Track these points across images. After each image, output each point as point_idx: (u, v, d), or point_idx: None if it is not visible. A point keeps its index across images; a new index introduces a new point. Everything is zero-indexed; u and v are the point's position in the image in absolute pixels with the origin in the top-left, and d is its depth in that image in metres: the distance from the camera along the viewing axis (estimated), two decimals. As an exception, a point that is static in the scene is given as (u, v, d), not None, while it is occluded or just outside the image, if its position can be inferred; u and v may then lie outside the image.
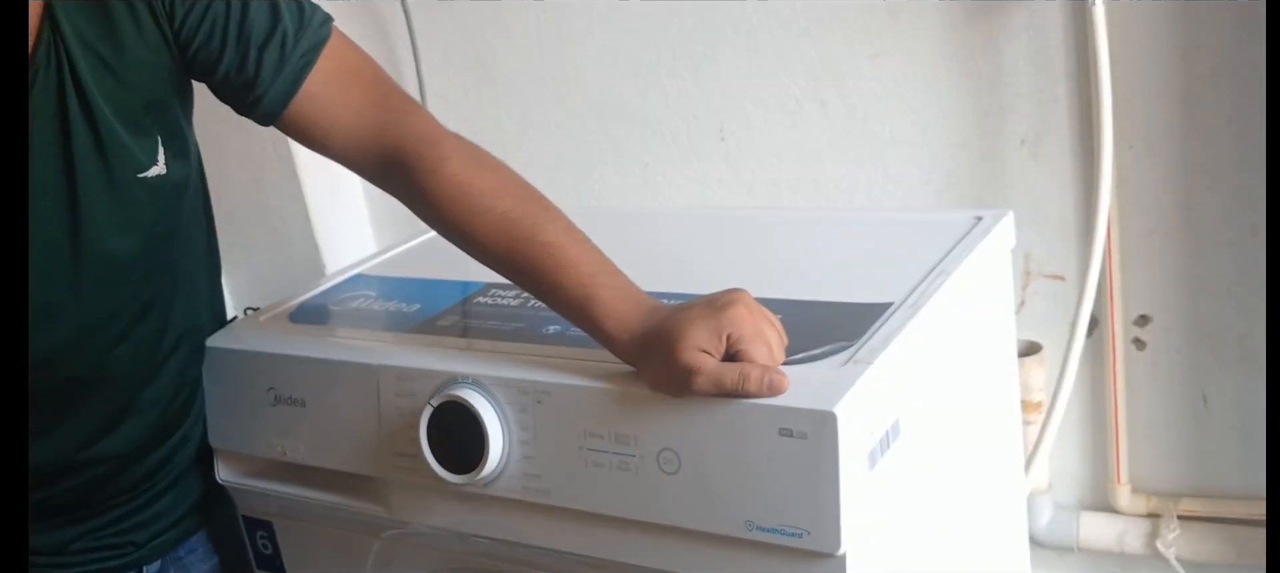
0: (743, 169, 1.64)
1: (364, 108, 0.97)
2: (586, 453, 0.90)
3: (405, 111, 0.98)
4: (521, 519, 0.96)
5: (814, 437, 0.80)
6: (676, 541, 0.88)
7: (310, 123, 0.96)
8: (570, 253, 0.90)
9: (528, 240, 0.91)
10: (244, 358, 1.09)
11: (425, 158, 0.94)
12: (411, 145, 0.95)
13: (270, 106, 0.96)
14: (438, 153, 0.94)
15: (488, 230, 0.92)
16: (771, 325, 0.86)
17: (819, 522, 0.81)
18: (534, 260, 0.90)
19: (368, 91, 0.98)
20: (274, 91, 0.95)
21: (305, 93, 0.95)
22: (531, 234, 0.91)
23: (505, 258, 0.93)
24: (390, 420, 0.99)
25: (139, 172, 0.95)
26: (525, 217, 0.92)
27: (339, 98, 0.96)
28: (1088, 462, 1.56)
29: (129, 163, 0.95)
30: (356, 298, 1.19)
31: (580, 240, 0.91)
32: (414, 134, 0.96)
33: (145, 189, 0.96)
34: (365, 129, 0.96)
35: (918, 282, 0.99)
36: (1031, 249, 1.50)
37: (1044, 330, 1.52)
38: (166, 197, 0.99)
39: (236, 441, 1.11)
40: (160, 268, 1.02)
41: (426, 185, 0.93)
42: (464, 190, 0.93)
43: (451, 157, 0.94)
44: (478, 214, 0.92)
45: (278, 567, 1.16)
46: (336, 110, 0.96)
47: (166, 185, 0.98)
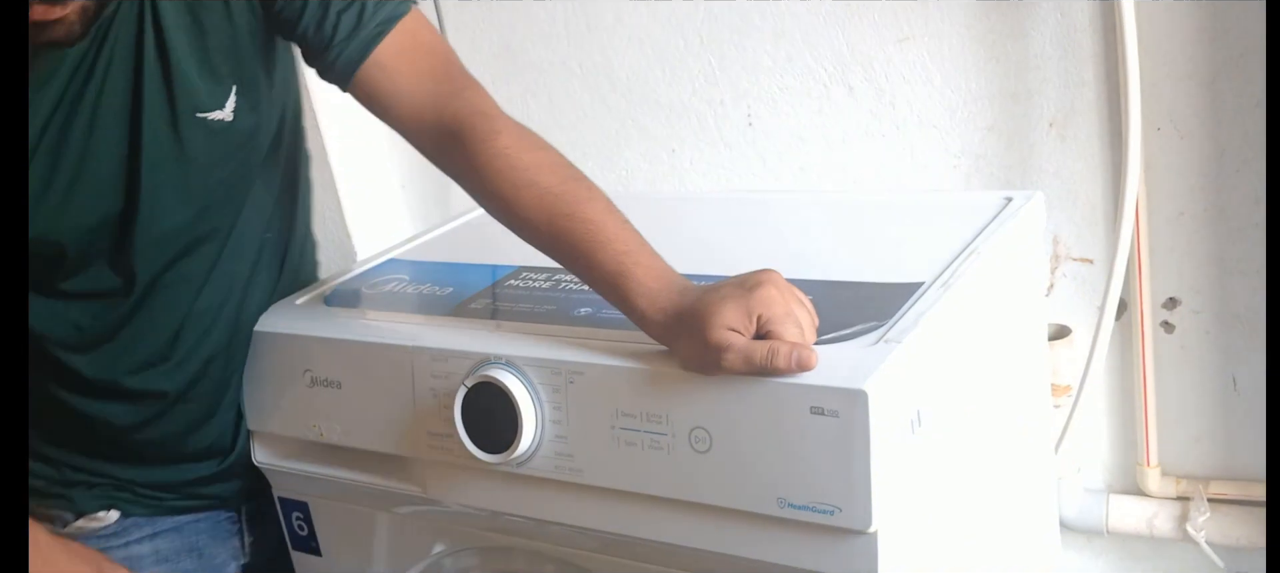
0: (770, 154, 1.64)
1: (427, 82, 1.01)
2: (619, 432, 0.91)
3: (465, 88, 1.01)
4: (554, 498, 0.97)
5: (845, 415, 0.81)
6: (708, 519, 0.89)
7: (377, 90, 1.01)
8: (608, 230, 0.92)
9: (568, 215, 0.93)
10: (280, 341, 1.11)
11: (478, 130, 0.97)
12: (467, 119, 0.98)
13: (343, 69, 1.00)
14: (491, 127, 0.97)
15: (530, 204, 0.95)
16: (802, 305, 0.87)
17: (851, 499, 0.82)
18: (572, 235, 0.92)
19: (434, 68, 1.02)
20: (346, 55, 0.99)
21: (374, 60, 0.99)
22: (572, 209, 0.93)
23: (545, 232, 0.95)
24: (425, 401, 1.00)
25: (200, 111, 1.00)
26: (567, 193, 0.94)
27: (406, 70, 1.00)
28: (1117, 445, 1.56)
29: (192, 100, 0.99)
30: (390, 281, 1.21)
31: (619, 220, 0.93)
32: (470, 109, 0.99)
33: (204, 131, 1.00)
34: (426, 101, 1.00)
35: (948, 262, 1.00)
36: (1060, 232, 1.49)
37: (1072, 314, 1.52)
38: (228, 144, 1.03)
39: (273, 422, 1.13)
40: (217, 210, 1.06)
41: (477, 157, 0.96)
42: (511, 164, 0.96)
43: (503, 132, 0.97)
44: (522, 187, 0.95)
45: (313, 547, 1.18)
46: (402, 81, 1.00)
47: (229, 132, 1.02)
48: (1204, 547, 1.47)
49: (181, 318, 1.08)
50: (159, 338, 1.08)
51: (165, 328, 1.08)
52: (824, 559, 0.85)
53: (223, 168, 1.04)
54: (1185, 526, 1.49)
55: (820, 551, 0.85)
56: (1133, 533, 1.54)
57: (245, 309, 1.13)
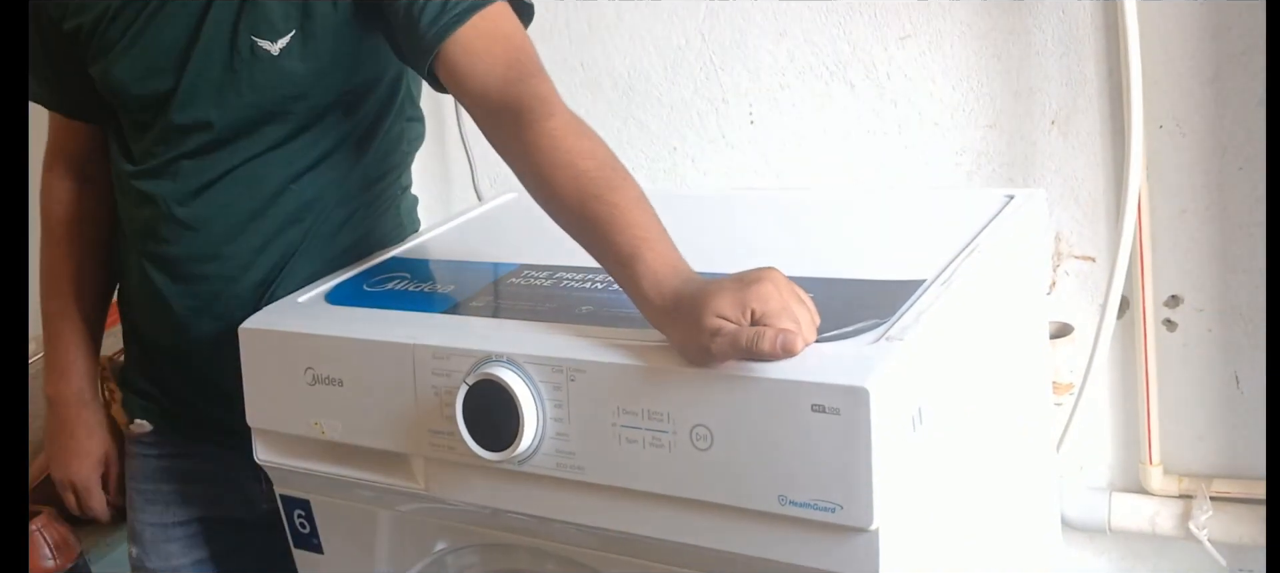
0: (772, 152, 1.64)
1: (500, 66, 1.07)
2: (620, 430, 0.91)
3: (533, 75, 1.07)
4: (556, 496, 0.97)
5: (847, 412, 0.81)
6: (710, 516, 0.89)
7: (453, 67, 1.08)
8: (632, 215, 0.94)
9: (597, 198, 0.95)
10: (282, 339, 1.10)
11: (534, 110, 1.02)
12: (526, 101, 1.03)
13: (431, 42, 1.08)
14: (547, 109, 1.02)
15: (565, 183, 0.98)
16: (802, 303, 0.87)
17: (852, 497, 0.82)
18: (597, 216, 0.95)
19: (508, 54, 1.08)
20: (436, 30, 1.07)
21: (456, 39, 1.07)
22: (602, 192, 0.96)
23: (574, 210, 0.97)
24: (426, 399, 1.00)
25: (254, 34, 1.13)
26: (601, 178, 0.97)
27: (482, 52, 1.07)
28: (1119, 443, 1.56)
29: (252, 20, 1.13)
30: (392, 279, 1.21)
31: (644, 209, 0.95)
32: (532, 92, 1.04)
33: (250, 52, 1.13)
34: (495, 82, 1.06)
35: (950, 259, 1.00)
36: (1062, 230, 1.49)
37: (1074, 311, 1.52)
38: (268, 76, 1.14)
39: (274, 420, 1.13)
40: (246, 134, 1.17)
41: (526, 134, 1.01)
42: (556, 144, 0.99)
43: (556, 116, 1.02)
44: (560, 167, 0.98)
45: (315, 545, 1.18)
46: (475, 62, 1.07)
47: (272, 67, 1.13)
48: (1206, 545, 1.47)
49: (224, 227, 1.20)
50: (204, 238, 1.19)
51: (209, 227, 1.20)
52: (825, 557, 0.85)
53: (258, 93, 1.14)
54: (1188, 524, 1.49)
55: (821, 548, 0.85)
56: (1135, 531, 1.54)
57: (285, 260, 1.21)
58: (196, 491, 1.32)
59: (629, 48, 1.69)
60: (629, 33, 1.68)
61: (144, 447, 1.31)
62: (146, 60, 1.15)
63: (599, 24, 1.70)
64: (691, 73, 1.66)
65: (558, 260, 1.11)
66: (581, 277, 1.09)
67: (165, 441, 1.31)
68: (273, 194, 1.19)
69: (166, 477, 1.31)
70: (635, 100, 1.71)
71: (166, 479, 1.31)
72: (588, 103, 1.74)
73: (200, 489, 1.32)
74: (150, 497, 1.32)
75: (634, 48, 1.69)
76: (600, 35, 1.70)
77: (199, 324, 1.21)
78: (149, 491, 1.32)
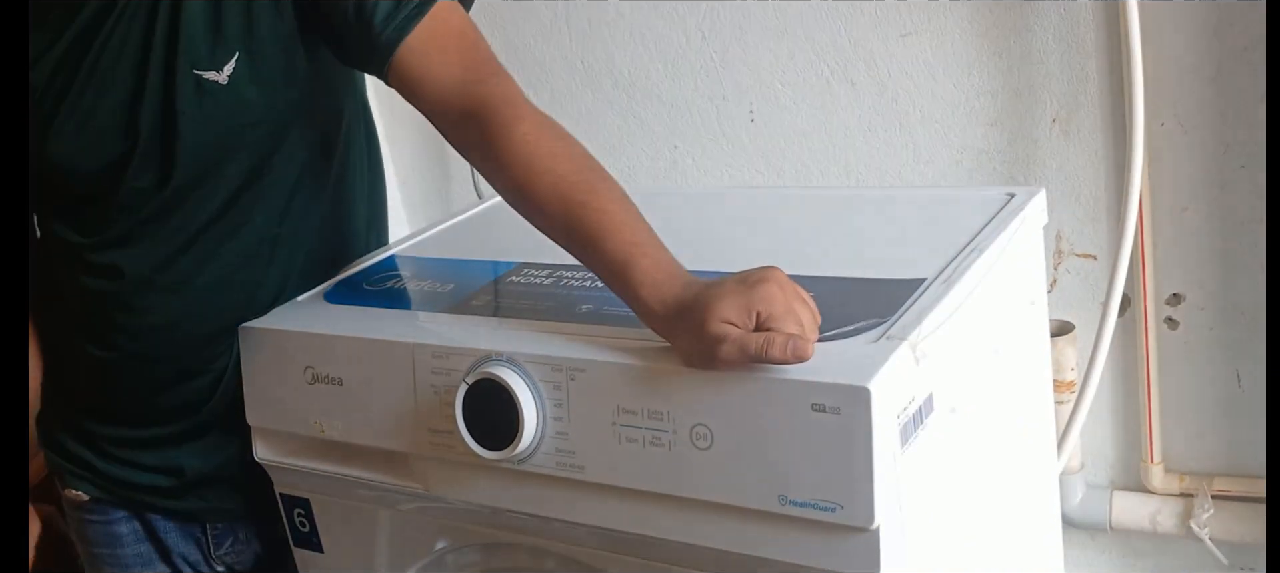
0: (772, 150, 1.64)
1: (455, 67, 1.02)
2: (620, 429, 0.91)
3: (493, 75, 1.02)
4: (556, 495, 0.97)
5: (847, 412, 0.81)
6: (709, 515, 0.89)
7: (409, 73, 1.02)
8: (619, 220, 0.92)
9: (582, 204, 0.93)
10: (281, 337, 1.10)
11: (501, 115, 0.98)
12: (491, 104, 0.99)
13: (384, 50, 1.02)
14: (514, 112, 0.98)
15: (546, 191, 0.95)
16: (804, 303, 0.86)
17: (852, 496, 0.82)
18: (584, 224, 0.92)
19: (464, 53, 1.03)
20: (387, 36, 1.01)
21: (408, 44, 1.01)
22: (586, 198, 0.93)
23: (558, 219, 0.95)
24: (426, 398, 1.00)
25: (197, 68, 1.03)
26: (582, 182, 0.95)
27: (436, 53, 1.02)
28: (1120, 441, 1.55)
29: (192, 56, 1.03)
30: (391, 278, 1.21)
31: (631, 212, 0.93)
32: (496, 95, 1.00)
33: (195, 87, 1.03)
34: (453, 86, 1.01)
35: (950, 258, 0.99)
36: (1063, 228, 1.49)
37: (1076, 310, 1.52)
38: (220, 108, 1.05)
39: (274, 419, 1.13)
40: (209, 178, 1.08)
41: (497, 141, 0.97)
42: (531, 151, 0.96)
43: (526, 119, 0.98)
44: (538, 175, 0.95)
45: (315, 544, 1.18)
46: (432, 64, 1.02)
47: (222, 96, 1.04)
48: (1207, 543, 1.47)
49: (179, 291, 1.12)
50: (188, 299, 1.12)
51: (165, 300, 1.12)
52: (826, 556, 0.85)
53: (213, 129, 1.05)
54: (1189, 522, 1.49)
55: (822, 548, 0.85)
56: (1136, 529, 1.54)
57: (253, 303, 1.14)
58: (150, 550, 1.25)
59: (630, 45, 1.69)
60: (629, 30, 1.68)
61: (87, 513, 1.23)
62: (92, 129, 1.04)
63: (599, 21, 1.70)
64: (692, 70, 1.65)
65: (558, 259, 1.11)
66: (581, 276, 1.08)
67: (105, 508, 1.23)
68: (251, 239, 1.13)
69: (115, 541, 1.23)
70: (636, 98, 1.71)
71: (117, 544, 1.23)
72: (588, 100, 1.74)
73: (152, 548, 1.24)
74: (108, 560, 1.24)
75: (635, 45, 1.68)
76: (601, 33, 1.70)
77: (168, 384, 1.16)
78: (105, 555, 1.23)
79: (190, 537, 1.24)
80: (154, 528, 1.23)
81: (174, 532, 1.23)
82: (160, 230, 1.09)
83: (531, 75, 1.77)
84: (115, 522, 1.22)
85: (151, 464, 1.19)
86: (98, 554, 1.24)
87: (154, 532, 1.23)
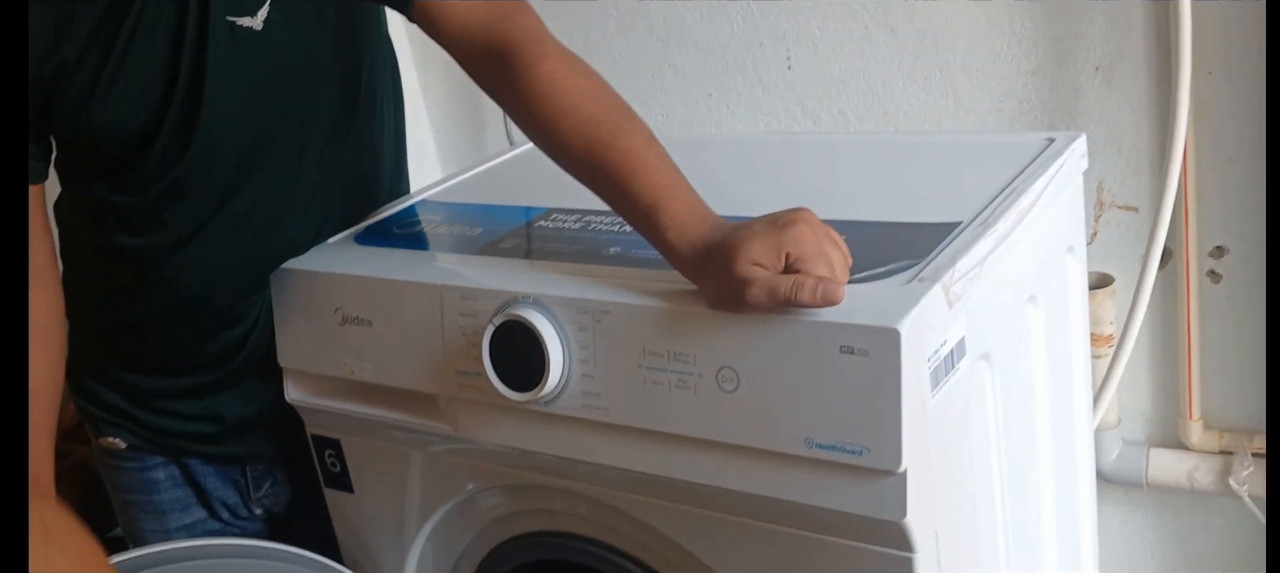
0: (809, 98, 1.61)
1: (479, 3, 1.01)
2: (646, 372, 0.90)
3: (517, 11, 1.01)
4: (582, 437, 0.96)
5: (876, 354, 0.80)
6: (735, 458, 0.88)
7: (431, 8, 1.01)
8: (647, 161, 0.91)
9: (607, 144, 0.92)
10: (312, 279, 1.11)
11: (526, 53, 0.97)
12: (515, 41, 0.98)
13: None
14: (538, 50, 0.97)
15: (571, 130, 0.94)
16: (835, 245, 0.85)
17: (880, 439, 0.81)
18: (610, 165, 0.91)
19: None
20: None
21: None
22: (611, 139, 0.92)
23: (583, 159, 0.94)
24: (453, 339, 1.00)
25: (230, 15, 1.02)
26: (608, 122, 0.93)
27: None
28: (1158, 397, 1.53)
29: (226, 3, 1.02)
30: (421, 222, 1.20)
31: (658, 152, 0.92)
32: (520, 31, 0.99)
33: (231, 34, 1.03)
34: (477, 22, 1.00)
35: (987, 202, 0.98)
36: (1105, 179, 1.46)
37: (1116, 263, 1.49)
38: (254, 55, 1.04)
39: (305, 360, 1.14)
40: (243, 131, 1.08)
41: (521, 80, 0.96)
42: (556, 89, 0.95)
43: (550, 57, 0.97)
44: (564, 114, 0.94)
45: (346, 484, 1.19)
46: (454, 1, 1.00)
47: (257, 43, 1.04)
48: (1246, 501, 1.45)
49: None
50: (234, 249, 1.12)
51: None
52: (852, 500, 0.84)
53: (245, 79, 1.05)
54: (1227, 479, 1.46)
55: (848, 491, 0.84)
56: (1173, 486, 1.52)
57: (287, 250, 1.14)
58: (188, 494, 1.26)
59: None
60: (665, -24, 1.66)
61: (122, 460, 1.24)
62: (131, 91, 1.04)
63: (634, -33, 1.67)
64: (728, 17, 1.63)
65: (587, 204, 1.10)
66: (610, 220, 1.07)
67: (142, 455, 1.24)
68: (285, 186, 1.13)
69: (152, 488, 1.25)
70: (671, 45, 1.69)
71: (153, 490, 1.25)
72: (622, 48, 1.72)
73: (190, 492, 1.26)
74: (143, 506, 1.25)
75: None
76: (635, -21, 1.68)
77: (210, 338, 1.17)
78: (140, 501, 1.25)
79: (229, 480, 1.25)
80: (192, 473, 1.24)
81: (212, 476, 1.24)
82: (197, 183, 1.08)
83: (565, 22, 1.75)
84: (152, 468, 1.23)
85: (192, 413, 1.20)
86: (132, 501, 1.25)
87: (192, 476, 1.24)
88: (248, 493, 1.25)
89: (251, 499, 1.26)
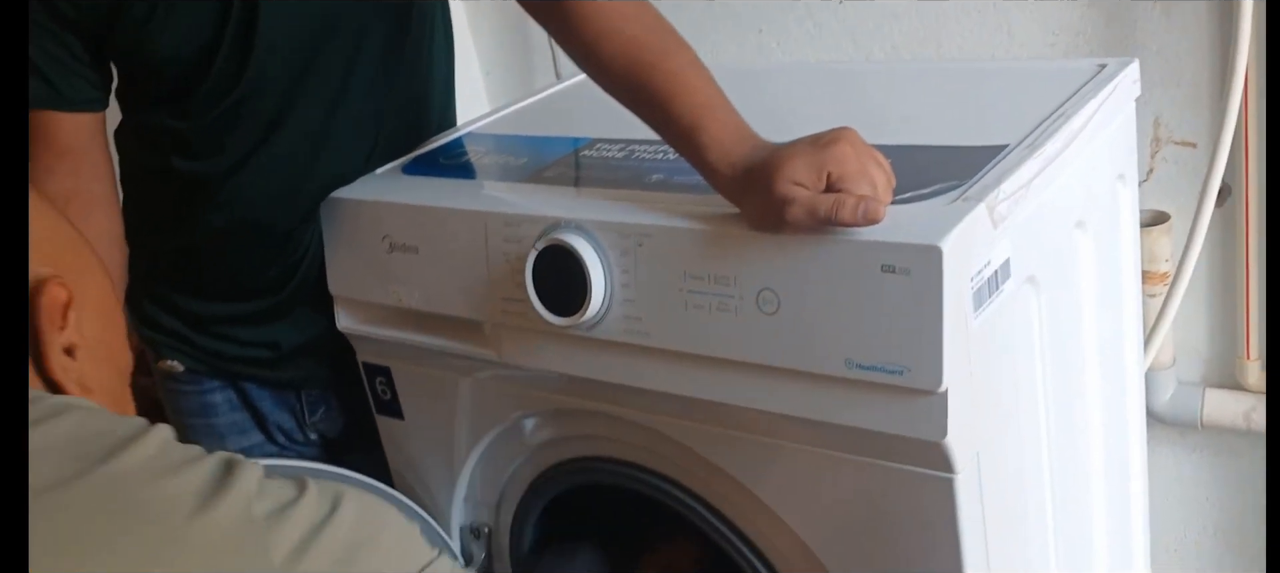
0: (861, 33, 1.59)
1: None
2: (686, 295, 0.90)
3: None
4: (624, 362, 0.97)
5: (918, 273, 0.79)
6: (776, 380, 0.89)
7: None
8: (689, 82, 0.91)
9: (650, 66, 0.92)
10: (359, 208, 1.12)
11: None
12: None
13: None
14: None
15: (614, 50, 0.95)
16: (878, 165, 0.84)
17: (920, 359, 0.80)
18: (652, 86, 0.92)
19: None
20: None
21: None
22: (654, 60, 0.92)
23: (624, 79, 0.94)
24: (498, 266, 1.01)
25: None
26: (651, 43, 0.94)
27: None
28: (1214, 336, 1.50)
29: None
30: (467, 152, 1.21)
31: (701, 73, 0.92)
32: None
33: None
34: None
35: (1035, 125, 0.96)
36: (1161, 114, 1.43)
37: (1173, 199, 1.46)
38: None
39: (355, 288, 1.15)
40: (298, 59, 1.10)
41: (566, 1, 0.96)
42: (598, 10, 0.96)
43: None
44: (607, 35, 0.95)
45: (396, 411, 1.21)
46: None
47: None
48: (1304, 442, 1.42)
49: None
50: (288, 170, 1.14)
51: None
52: (893, 420, 0.84)
53: (297, 8, 1.07)
54: (1284, 420, 1.43)
55: (889, 412, 0.84)
56: (1228, 427, 1.49)
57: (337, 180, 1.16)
58: (245, 418, 1.29)
59: (715, -74, 1.65)
60: (715, -90, 1.64)
61: (181, 384, 1.27)
62: (191, 19, 1.06)
63: (684, -97, 1.66)
64: (778, -48, 1.61)
65: (631, 135, 1.10)
66: (654, 149, 1.07)
67: (200, 379, 1.27)
68: (337, 116, 1.14)
69: (210, 411, 1.27)
70: (720, -19, 1.67)
71: (212, 413, 1.27)
72: (671, -15, 1.71)
73: (248, 416, 1.29)
74: (202, 429, 1.27)
75: (720, -74, 1.65)
76: (685, -87, 1.66)
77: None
78: (199, 424, 1.27)
79: (285, 405, 1.28)
80: (249, 397, 1.27)
81: (269, 400, 1.27)
82: (252, 109, 1.11)
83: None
84: (210, 391, 1.26)
85: (248, 339, 1.23)
86: (191, 424, 1.28)
87: (249, 400, 1.27)
88: (303, 418, 1.28)
89: (306, 424, 1.28)
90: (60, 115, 1.09)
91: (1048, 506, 1.03)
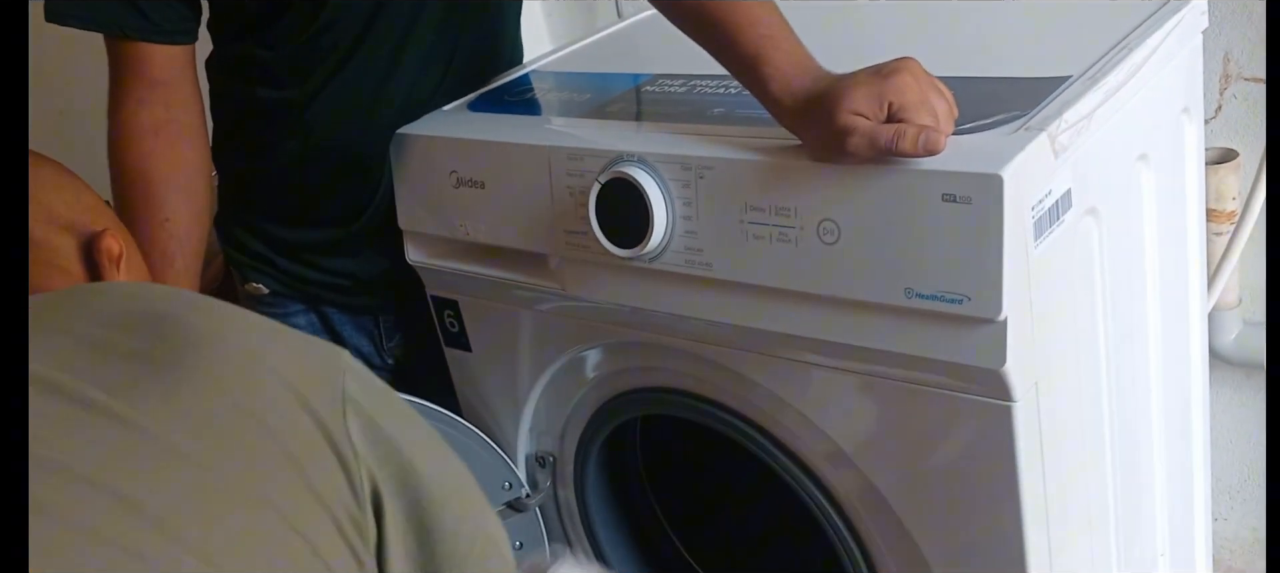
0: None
1: None
2: (747, 226, 0.92)
3: None
4: (685, 293, 0.99)
5: (979, 201, 0.80)
6: (836, 310, 0.90)
7: None
8: (754, 13, 0.91)
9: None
10: (427, 143, 1.15)
11: None
12: None
13: None
14: None
15: None
16: (939, 94, 0.85)
17: (981, 287, 0.81)
18: (716, 15, 0.92)
19: None
20: None
21: None
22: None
23: (689, 10, 0.95)
24: (562, 199, 1.03)
25: None
26: None
27: None
28: (1282, 276, 1.48)
29: None
30: (531, 89, 1.23)
31: (766, 5, 0.92)
32: None
33: None
34: None
35: (1098, 57, 0.96)
36: (1231, 49, 1.40)
37: (1241, 137, 1.44)
38: None
39: (423, 222, 1.18)
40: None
41: None
42: None
43: None
44: None
45: (464, 343, 1.24)
46: None
47: None
48: (1371, 382, 1.40)
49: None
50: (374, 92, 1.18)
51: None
52: (952, 349, 0.85)
53: None
54: (1352, 360, 1.42)
55: (948, 341, 0.85)
56: (1294, 368, 1.48)
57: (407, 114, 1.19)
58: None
59: None
60: None
61: (265, 306, 1.30)
62: None
63: None
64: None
65: (693, 70, 1.11)
66: (716, 83, 1.08)
67: (283, 301, 1.30)
68: (409, 50, 1.17)
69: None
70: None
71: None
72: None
73: (328, 339, 1.30)
74: None
75: None
76: None
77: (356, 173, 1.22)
78: None
79: (364, 330, 1.32)
80: (330, 320, 1.31)
81: (348, 325, 1.31)
82: (331, 39, 1.14)
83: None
84: (293, 314, 1.31)
85: (327, 266, 1.27)
86: None
87: (330, 324, 1.32)
88: (381, 343, 1.32)
89: (384, 350, 1.32)
90: (153, 47, 1.13)
91: (1106, 439, 1.03)
